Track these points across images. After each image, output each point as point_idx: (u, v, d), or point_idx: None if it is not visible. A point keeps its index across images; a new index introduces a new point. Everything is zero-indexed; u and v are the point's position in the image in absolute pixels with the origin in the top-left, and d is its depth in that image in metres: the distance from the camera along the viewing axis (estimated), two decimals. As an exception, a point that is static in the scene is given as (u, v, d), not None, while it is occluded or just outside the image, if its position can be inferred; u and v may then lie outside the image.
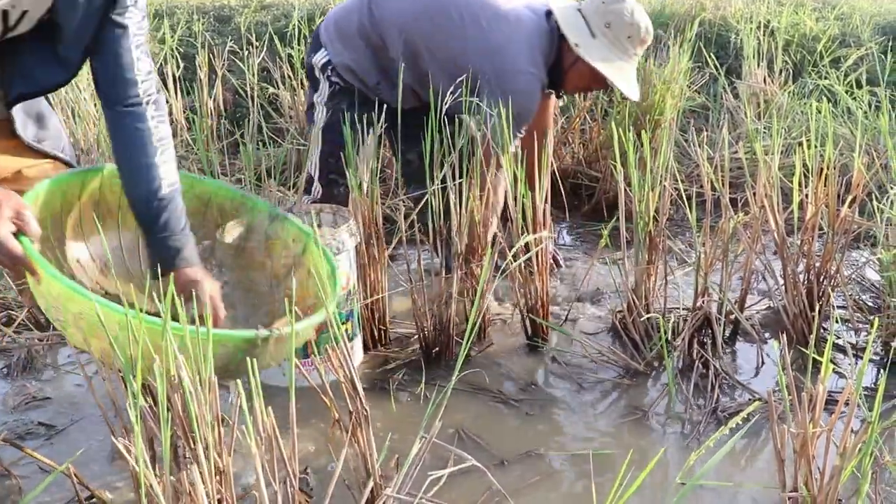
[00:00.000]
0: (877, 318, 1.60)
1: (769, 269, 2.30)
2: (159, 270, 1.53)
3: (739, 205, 3.27)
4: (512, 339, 2.25)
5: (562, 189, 2.96)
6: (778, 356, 1.38)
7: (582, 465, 1.69)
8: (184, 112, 3.64)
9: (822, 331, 2.16)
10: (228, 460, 1.15)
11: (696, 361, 2.04)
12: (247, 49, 3.85)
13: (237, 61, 3.92)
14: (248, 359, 1.17)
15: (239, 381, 1.25)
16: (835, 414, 1.19)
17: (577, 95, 3.28)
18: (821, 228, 2.24)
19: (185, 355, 1.12)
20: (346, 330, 2.02)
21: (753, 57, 3.85)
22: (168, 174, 1.54)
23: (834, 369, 1.99)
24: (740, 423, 1.15)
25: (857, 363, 2.07)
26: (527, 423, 1.88)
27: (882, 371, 2.10)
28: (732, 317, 2.25)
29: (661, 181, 2.09)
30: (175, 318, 1.19)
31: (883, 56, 3.92)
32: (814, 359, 1.26)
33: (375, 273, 2.09)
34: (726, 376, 2.02)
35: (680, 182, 3.16)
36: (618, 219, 2.16)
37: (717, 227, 2.20)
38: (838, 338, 2.13)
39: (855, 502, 1.51)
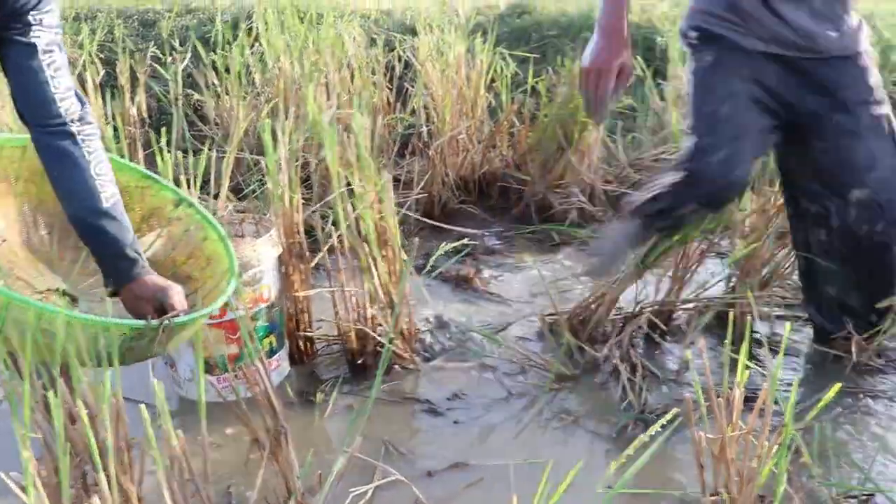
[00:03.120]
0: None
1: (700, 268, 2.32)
2: (115, 284, 1.53)
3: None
4: (441, 345, 2.22)
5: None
6: (723, 354, 1.38)
7: (509, 474, 1.68)
8: (105, 120, 3.53)
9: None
10: (131, 487, 1.09)
11: (625, 364, 2.04)
12: (170, 55, 3.76)
13: (159, 67, 3.82)
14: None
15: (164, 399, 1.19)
16: (753, 415, 1.20)
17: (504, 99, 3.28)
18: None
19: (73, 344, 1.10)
20: (271, 343, 1.97)
21: (679, 59, 3.90)
22: (105, 187, 1.52)
23: (755, 369, 2.01)
24: (660, 429, 1.14)
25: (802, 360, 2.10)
26: (455, 433, 1.85)
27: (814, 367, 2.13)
28: (665, 317, 2.27)
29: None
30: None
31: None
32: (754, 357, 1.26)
33: (299, 284, 2.04)
34: (655, 378, 2.03)
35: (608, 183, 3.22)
36: (546, 221, 2.15)
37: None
38: (755, 332, 2.15)
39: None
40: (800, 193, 2.01)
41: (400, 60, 3.71)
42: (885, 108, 1.90)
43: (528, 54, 3.72)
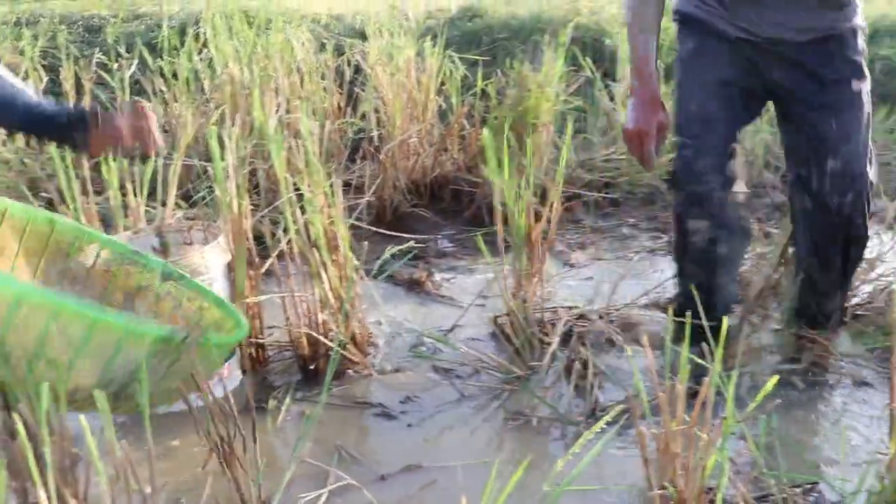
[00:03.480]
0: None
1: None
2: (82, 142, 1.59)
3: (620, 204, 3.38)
4: (394, 349, 2.23)
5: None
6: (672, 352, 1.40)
7: (462, 476, 1.68)
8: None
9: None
10: (73, 502, 1.08)
11: (577, 363, 2.06)
12: (116, 61, 3.70)
13: (105, 74, 3.76)
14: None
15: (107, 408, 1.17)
16: (695, 410, 1.22)
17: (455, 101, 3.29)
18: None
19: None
20: (221, 351, 1.95)
21: (627, 61, 3.95)
22: (26, 89, 1.60)
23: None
24: (605, 426, 1.16)
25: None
26: (408, 436, 1.85)
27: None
28: (616, 315, 2.30)
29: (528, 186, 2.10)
30: None
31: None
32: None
33: (249, 290, 2.03)
34: (607, 377, 2.05)
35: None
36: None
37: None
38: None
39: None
40: (792, 162, 2.06)
41: (350, 65, 3.70)
42: (865, 83, 1.95)
43: (477, 57, 3.74)
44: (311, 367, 2.05)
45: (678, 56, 2.08)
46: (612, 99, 3.75)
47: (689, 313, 1.66)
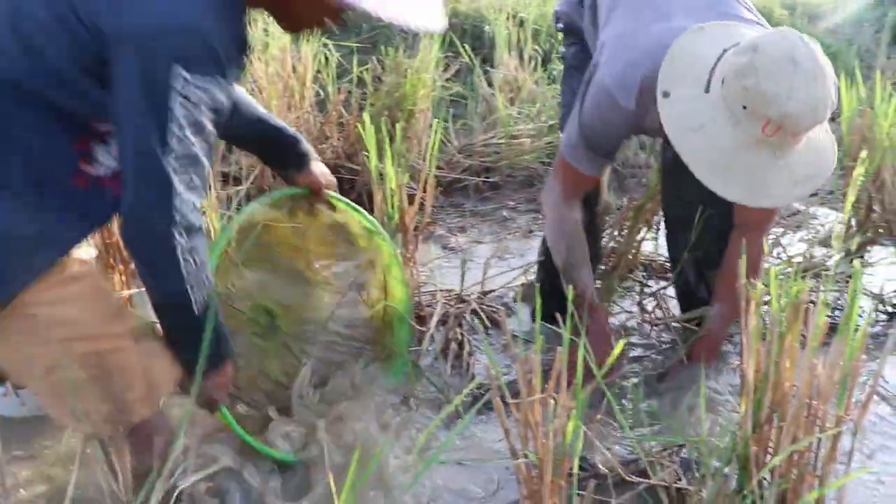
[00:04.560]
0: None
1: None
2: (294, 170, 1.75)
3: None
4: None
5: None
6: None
7: (335, 457, 1.68)
8: None
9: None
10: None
11: (453, 343, 2.10)
12: None
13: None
14: None
15: None
16: (552, 381, 1.26)
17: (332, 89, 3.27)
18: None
19: None
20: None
21: (505, 46, 4.02)
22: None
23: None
24: (464, 399, 1.19)
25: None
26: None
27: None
28: (492, 295, 2.35)
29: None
30: None
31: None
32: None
33: (120, 286, 1.98)
34: (481, 354, 2.09)
35: (439, 169, 3.28)
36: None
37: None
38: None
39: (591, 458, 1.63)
40: None
41: (225, 54, 3.62)
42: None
43: (357, 45, 3.73)
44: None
45: (562, 54, 2.16)
46: (490, 84, 3.81)
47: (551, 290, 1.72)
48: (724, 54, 1.59)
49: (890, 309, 2.54)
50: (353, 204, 1.90)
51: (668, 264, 2.34)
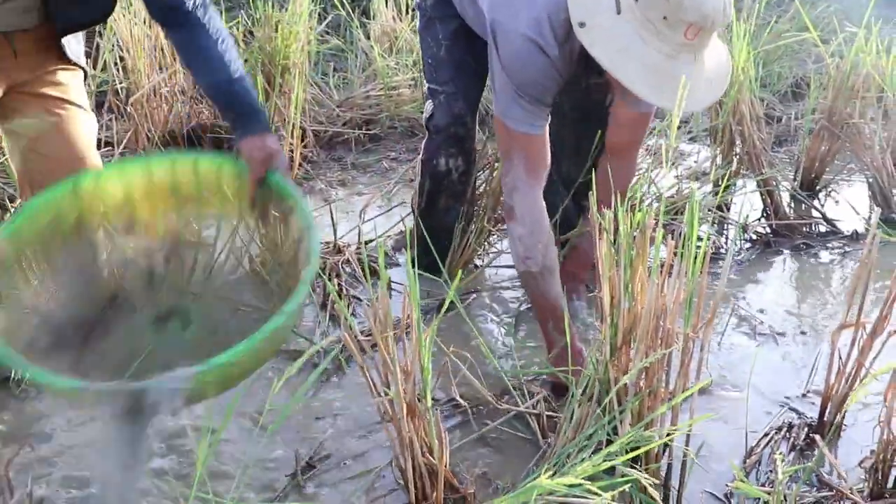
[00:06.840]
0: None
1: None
2: (241, 135, 1.64)
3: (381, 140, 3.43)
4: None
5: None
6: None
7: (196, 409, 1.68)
8: None
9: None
10: None
11: (332, 295, 2.10)
12: None
13: None
14: None
15: None
16: (402, 326, 1.29)
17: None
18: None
19: None
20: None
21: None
22: (234, 59, 1.65)
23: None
24: (319, 350, 1.20)
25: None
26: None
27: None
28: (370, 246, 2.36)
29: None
30: None
31: None
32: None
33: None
34: (359, 305, 2.11)
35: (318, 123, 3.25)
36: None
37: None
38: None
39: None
40: None
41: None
42: None
43: None
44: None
45: (418, 4, 2.14)
46: (368, 37, 3.78)
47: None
48: None
49: (753, 236, 2.68)
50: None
51: None
